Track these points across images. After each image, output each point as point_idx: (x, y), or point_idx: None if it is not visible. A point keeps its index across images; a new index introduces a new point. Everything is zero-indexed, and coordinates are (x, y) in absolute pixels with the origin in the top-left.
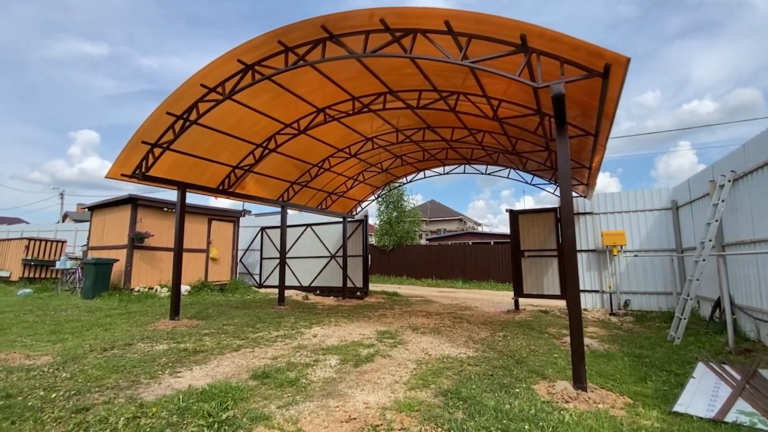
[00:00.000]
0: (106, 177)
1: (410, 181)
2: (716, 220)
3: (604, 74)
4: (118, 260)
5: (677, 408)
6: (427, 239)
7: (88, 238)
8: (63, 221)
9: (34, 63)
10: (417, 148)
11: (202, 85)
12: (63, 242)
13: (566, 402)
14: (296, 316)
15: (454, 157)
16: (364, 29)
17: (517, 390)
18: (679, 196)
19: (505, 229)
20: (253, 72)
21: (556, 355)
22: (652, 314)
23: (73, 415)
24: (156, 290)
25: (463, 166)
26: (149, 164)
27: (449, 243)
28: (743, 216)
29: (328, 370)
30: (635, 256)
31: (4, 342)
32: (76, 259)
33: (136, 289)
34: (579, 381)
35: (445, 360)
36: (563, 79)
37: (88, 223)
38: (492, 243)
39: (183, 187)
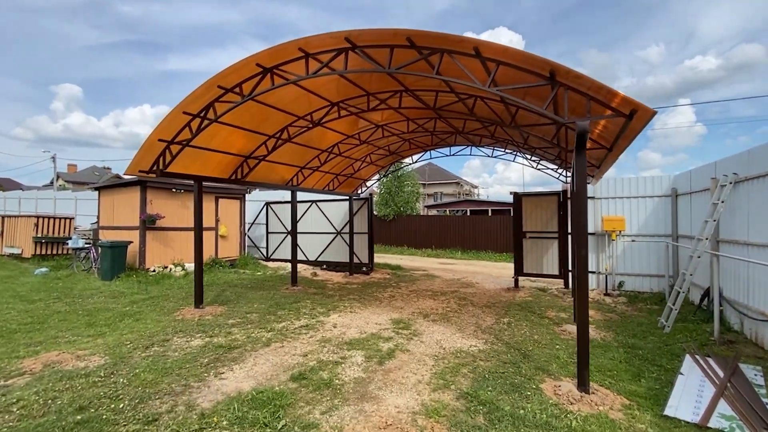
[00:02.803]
0: (125, 174)
1: (416, 161)
2: (714, 220)
3: (629, 116)
4: (132, 242)
5: (667, 411)
6: (425, 205)
7: (98, 218)
8: (57, 181)
9: (3, 9)
10: (426, 133)
11: (219, 87)
12: (71, 219)
13: (571, 404)
14: (312, 300)
15: (463, 141)
16: (388, 44)
17: (528, 392)
18: (679, 185)
19: (504, 195)
20: (272, 74)
21: (557, 346)
22: (644, 295)
23: (145, 427)
24: (170, 269)
25: (470, 148)
26: (166, 161)
27: (447, 211)
28: (740, 217)
29: (356, 369)
30: (632, 241)
31: (49, 339)
32: (87, 237)
33: (152, 269)
34: (583, 384)
35: (458, 354)
36: (589, 117)
37: (91, 194)
38: (490, 212)
39: (199, 180)
